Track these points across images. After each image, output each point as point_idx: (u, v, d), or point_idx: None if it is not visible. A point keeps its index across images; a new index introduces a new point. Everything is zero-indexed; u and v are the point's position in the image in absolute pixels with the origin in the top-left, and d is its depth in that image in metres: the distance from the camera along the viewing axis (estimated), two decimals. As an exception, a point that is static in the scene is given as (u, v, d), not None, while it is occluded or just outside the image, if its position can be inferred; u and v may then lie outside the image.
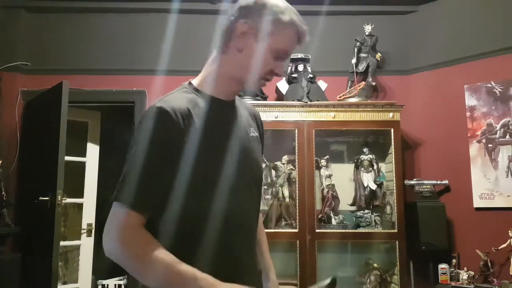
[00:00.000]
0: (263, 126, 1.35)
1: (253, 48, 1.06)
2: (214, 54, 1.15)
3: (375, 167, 3.40)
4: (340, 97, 3.46)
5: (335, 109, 3.28)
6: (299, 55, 3.48)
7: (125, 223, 0.98)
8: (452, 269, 3.19)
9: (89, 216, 4.03)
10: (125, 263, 0.98)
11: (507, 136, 3.21)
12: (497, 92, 3.27)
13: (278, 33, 1.05)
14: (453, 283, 3.12)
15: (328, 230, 3.23)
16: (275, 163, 3.39)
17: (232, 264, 1.07)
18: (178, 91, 1.12)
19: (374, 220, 3.30)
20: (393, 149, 3.24)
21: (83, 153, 4.02)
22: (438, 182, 3.35)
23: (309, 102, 3.28)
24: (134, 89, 3.68)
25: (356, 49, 3.54)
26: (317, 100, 3.32)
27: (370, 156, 3.41)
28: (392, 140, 3.26)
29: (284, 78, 3.52)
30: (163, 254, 0.97)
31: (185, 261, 0.98)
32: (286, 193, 3.32)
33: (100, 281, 3.88)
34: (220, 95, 1.12)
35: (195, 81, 1.15)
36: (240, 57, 1.07)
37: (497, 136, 3.24)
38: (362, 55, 3.54)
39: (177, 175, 1.01)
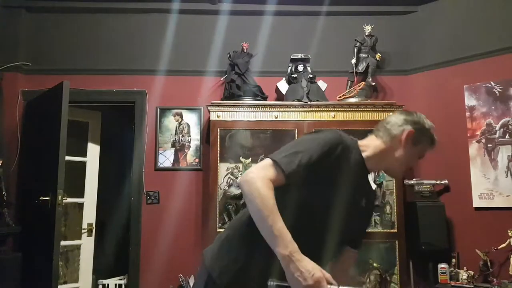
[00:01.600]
0: (375, 200, 1.71)
1: (409, 149, 1.47)
2: (379, 138, 1.52)
3: (375, 167, 3.40)
4: (340, 97, 3.46)
5: (335, 109, 3.28)
6: (299, 55, 3.48)
7: (270, 172, 1.26)
8: (452, 268, 3.19)
9: (89, 215, 4.03)
10: (252, 192, 1.23)
11: (507, 136, 3.22)
12: (497, 92, 3.28)
13: (426, 142, 1.49)
14: (452, 283, 3.12)
15: (328, 230, 3.23)
16: (275, 163, 3.39)
17: None
18: (353, 140, 1.49)
19: (374, 220, 3.31)
20: (393, 149, 3.24)
21: (83, 153, 4.02)
22: (438, 182, 3.36)
23: (309, 102, 3.29)
24: (134, 89, 3.68)
25: (356, 49, 3.55)
26: (317, 100, 3.32)
27: None
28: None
29: (284, 78, 3.53)
30: (274, 207, 1.22)
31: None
32: (286, 193, 3.32)
33: (100, 281, 3.88)
34: (367, 164, 1.47)
35: (362, 143, 1.51)
36: (400, 152, 1.47)
37: (497, 136, 3.25)
38: (362, 55, 3.55)
39: (312, 179, 1.31)
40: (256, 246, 1.27)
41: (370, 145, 1.49)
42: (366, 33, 3.56)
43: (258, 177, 1.24)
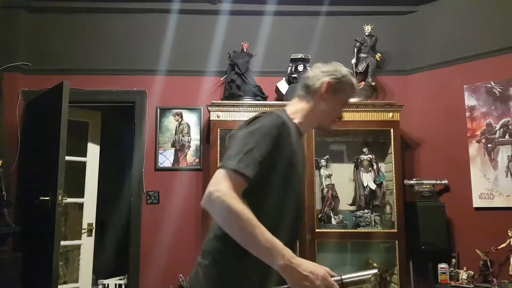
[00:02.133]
0: None
1: (331, 100, 1.48)
2: (301, 98, 1.52)
3: (374, 167, 3.41)
4: (340, 97, 3.46)
5: (335, 109, 3.28)
6: (299, 55, 3.48)
7: (232, 184, 1.19)
8: (452, 268, 3.19)
9: (89, 215, 4.03)
10: (225, 213, 1.16)
11: (507, 136, 3.22)
12: (497, 92, 3.28)
13: (346, 90, 1.50)
14: (452, 283, 3.12)
15: (328, 230, 3.24)
16: (275, 163, 3.39)
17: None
18: (284, 114, 1.45)
19: (374, 220, 3.31)
20: (392, 149, 3.25)
21: (83, 153, 4.02)
22: (438, 182, 3.36)
23: (309, 102, 3.28)
24: (134, 89, 3.68)
25: (355, 49, 3.55)
26: (317, 100, 3.32)
27: (370, 156, 3.42)
28: (392, 140, 3.26)
29: (284, 78, 3.53)
30: (255, 219, 1.17)
31: None
32: (286, 193, 3.32)
33: (100, 281, 3.89)
34: (302, 127, 1.48)
35: (289, 111, 1.50)
36: (323, 105, 1.48)
37: (497, 136, 3.25)
38: (362, 55, 3.55)
39: (272, 171, 1.28)
40: (248, 263, 1.20)
41: (297, 110, 1.50)
42: (366, 33, 3.56)
43: (224, 194, 1.16)
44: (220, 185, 1.18)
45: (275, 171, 1.29)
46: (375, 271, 1.28)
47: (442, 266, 3.17)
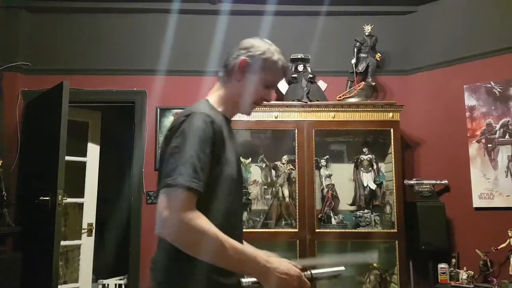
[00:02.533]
0: None
1: (249, 80, 1.35)
2: (220, 81, 1.40)
3: (374, 167, 3.41)
4: (340, 97, 3.46)
5: (335, 109, 3.28)
6: (299, 55, 3.48)
7: (187, 203, 1.11)
8: (452, 268, 3.19)
9: (89, 215, 4.04)
10: (188, 238, 1.10)
11: (507, 136, 3.22)
12: (497, 92, 3.28)
13: (268, 68, 1.35)
14: (452, 283, 3.12)
15: (328, 230, 3.24)
16: (275, 163, 3.39)
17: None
18: (206, 106, 1.33)
19: (374, 220, 3.31)
20: (392, 149, 3.25)
21: (83, 153, 4.02)
22: (438, 182, 3.36)
23: (309, 102, 3.29)
24: (134, 89, 3.68)
25: (355, 49, 3.55)
26: (317, 100, 3.32)
27: (370, 156, 3.42)
28: (392, 140, 3.26)
29: (284, 78, 3.52)
30: (221, 233, 1.12)
31: None
32: (286, 193, 3.32)
33: (100, 281, 3.89)
34: (227, 114, 1.39)
35: (210, 100, 1.38)
36: (239, 86, 1.36)
37: (497, 136, 3.25)
38: (362, 55, 3.55)
39: (212, 169, 1.21)
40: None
41: (218, 97, 1.37)
42: (366, 33, 3.56)
43: (179, 218, 1.08)
44: (172, 208, 1.09)
45: (218, 172, 1.22)
46: (343, 269, 1.31)
47: (442, 266, 3.17)
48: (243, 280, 1.16)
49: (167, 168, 1.14)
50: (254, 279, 1.17)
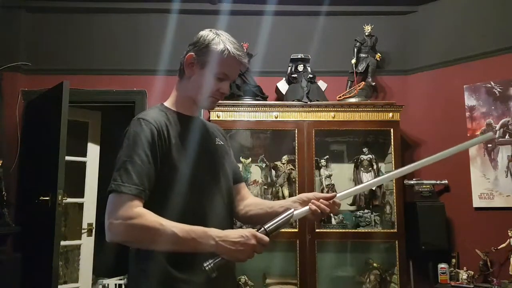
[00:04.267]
0: (228, 137, 1.61)
1: (198, 75, 1.34)
2: (177, 80, 1.42)
3: (374, 167, 3.41)
4: (340, 97, 3.46)
5: (335, 109, 3.28)
6: (299, 55, 3.48)
7: (121, 206, 1.15)
8: (452, 268, 3.19)
9: (89, 215, 4.04)
10: (138, 236, 1.16)
11: (507, 136, 3.22)
12: (497, 92, 3.28)
13: (214, 60, 1.32)
14: (452, 283, 3.12)
15: (328, 230, 3.24)
16: (275, 163, 3.39)
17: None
18: (153, 109, 1.37)
19: (374, 220, 3.31)
20: (392, 149, 3.25)
21: (83, 153, 4.03)
22: (438, 182, 3.36)
23: (309, 102, 3.29)
24: (134, 89, 3.68)
25: (355, 49, 3.54)
26: (317, 100, 3.32)
27: (370, 156, 3.42)
28: (392, 140, 3.26)
29: (284, 78, 3.53)
30: (166, 221, 1.16)
31: None
32: (286, 193, 3.32)
33: (100, 281, 3.89)
34: (185, 112, 1.39)
35: (166, 103, 1.41)
36: (190, 82, 1.36)
37: (497, 136, 3.25)
38: (362, 55, 3.55)
39: (158, 168, 1.24)
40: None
41: (174, 99, 1.39)
42: (366, 33, 3.56)
43: (112, 221, 1.14)
44: (115, 213, 1.15)
45: (165, 171, 1.24)
46: (292, 211, 1.31)
47: (442, 266, 3.17)
48: (205, 264, 1.15)
49: (114, 174, 1.22)
50: (215, 259, 1.16)
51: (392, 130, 3.26)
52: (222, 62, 1.33)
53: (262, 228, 1.22)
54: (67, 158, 3.23)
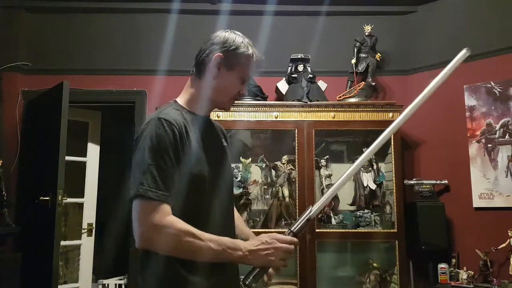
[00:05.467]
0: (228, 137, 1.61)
1: (225, 76, 1.33)
2: (193, 78, 1.40)
3: (374, 167, 3.41)
4: (340, 97, 3.46)
5: (335, 109, 3.28)
6: (299, 55, 3.48)
7: (162, 212, 1.13)
8: (452, 268, 3.19)
9: (89, 215, 4.04)
10: (172, 245, 1.14)
11: (507, 136, 3.22)
12: (497, 92, 3.28)
13: (243, 63, 1.32)
14: (452, 283, 3.13)
15: (328, 230, 3.24)
16: (275, 163, 3.39)
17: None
18: (169, 107, 1.32)
19: (374, 220, 3.31)
20: (392, 149, 3.25)
21: (83, 153, 4.02)
22: (438, 182, 3.36)
23: (309, 102, 3.29)
24: (134, 89, 3.68)
25: (356, 49, 3.54)
26: (317, 100, 3.32)
27: (370, 156, 3.41)
28: (392, 140, 3.26)
29: (284, 78, 3.53)
30: (198, 231, 1.15)
31: None
32: (286, 193, 3.32)
33: (100, 281, 3.89)
34: (199, 112, 1.36)
35: (180, 100, 1.39)
36: (214, 83, 1.33)
37: (497, 136, 3.25)
38: (362, 55, 3.55)
39: (180, 171, 1.21)
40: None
41: (189, 97, 1.37)
42: (366, 33, 3.56)
43: (156, 231, 1.12)
44: (147, 221, 1.12)
45: (182, 173, 1.21)
46: (310, 209, 1.34)
47: (442, 266, 3.17)
48: (244, 280, 1.19)
49: (131, 180, 1.17)
50: (251, 272, 1.19)
51: (392, 130, 3.26)
52: (250, 66, 1.34)
53: (289, 231, 1.27)
54: (67, 158, 3.23)
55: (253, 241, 1.22)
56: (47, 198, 3.15)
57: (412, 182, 3.36)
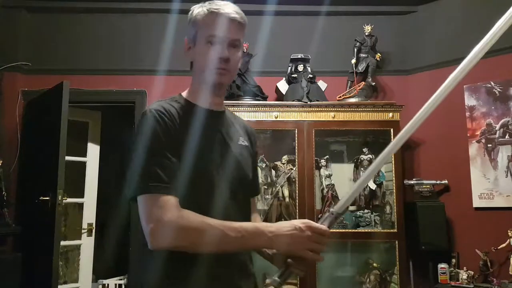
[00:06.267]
0: (256, 139, 1.56)
1: (196, 52, 1.29)
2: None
3: (374, 167, 3.40)
4: (340, 97, 3.46)
5: (335, 109, 3.28)
6: (299, 55, 3.48)
7: (170, 206, 1.06)
8: (452, 268, 3.19)
9: (89, 215, 4.04)
10: (187, 239, 1.05)
11: (507, 136, 3.22)
12: (497, 92, 3.28)
13: (200, 26, 1.25)
14: (452, 283, 3.13)
15: (328, 230, 3.23)
16: (275, 163, 3.39)
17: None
18: (168, 100, 1.30)
19: (374, 220, 3.31)
20: (392, 149, 3.24)
21: (83, 153, 4.03)
22: (438, 182, 3.36)
23: (309, 102, 3.29)
24: (134, 89, 3.68)
25: (355, 49, 3.55)
26: (317, 100, 3.32)
27: (370, 156, 3.42)
28: (392, 140, 3.26)
29: (284, 78, 3.53)
30: (212, 219, 1.07)
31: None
32: (286, 193, 3.32)
33: (100, 281, 3.89)
34: (202, 104, 1.30)
35: (183, 93, 1.36)
36: (194, 66, 1.31)
37: (497, 136, 3.25)
38: (362, 55, 3.55)
39: (178, 161, 1.14)
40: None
41: (190, 88, 1.37)
42: (366, 33, 3.56)
43: (169, 226, 1.04)
44: (157, 217, 1.05)
45: (182, 162, 1.14)
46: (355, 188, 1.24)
47: (442, 266, 3.17)
48: (273, 278, 1.08)
49: (129, 176, 1.13)
50: (281, 271, 1.09)
51: (392, 130, 3.26)
52: (203, 24, 1.24)
53: (328, 213, 1.16)
54: (67, 158, 3.23)
55: (282, 225, 1.10)
56: (47, 198, 3.15)
57: (412, 182, 3.36)
